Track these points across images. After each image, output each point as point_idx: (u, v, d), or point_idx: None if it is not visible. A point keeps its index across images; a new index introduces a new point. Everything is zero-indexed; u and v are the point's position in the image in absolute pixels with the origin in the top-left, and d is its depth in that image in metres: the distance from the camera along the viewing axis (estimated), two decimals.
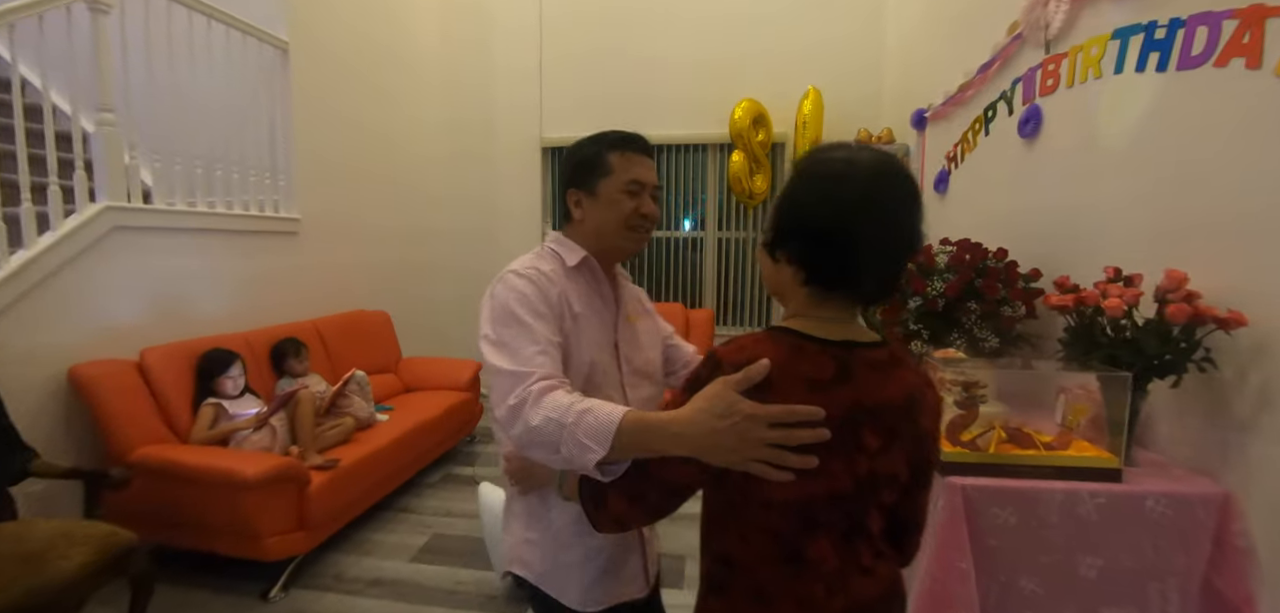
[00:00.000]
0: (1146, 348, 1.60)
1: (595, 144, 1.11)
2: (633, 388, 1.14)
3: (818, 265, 0.77)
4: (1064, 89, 2.34)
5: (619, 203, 1.08)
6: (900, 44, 4.19)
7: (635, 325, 1.21)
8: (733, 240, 4.73)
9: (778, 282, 0.83)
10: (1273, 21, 1.49)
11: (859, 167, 0.75)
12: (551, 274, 1.06)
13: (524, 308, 0.97)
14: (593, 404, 0.82)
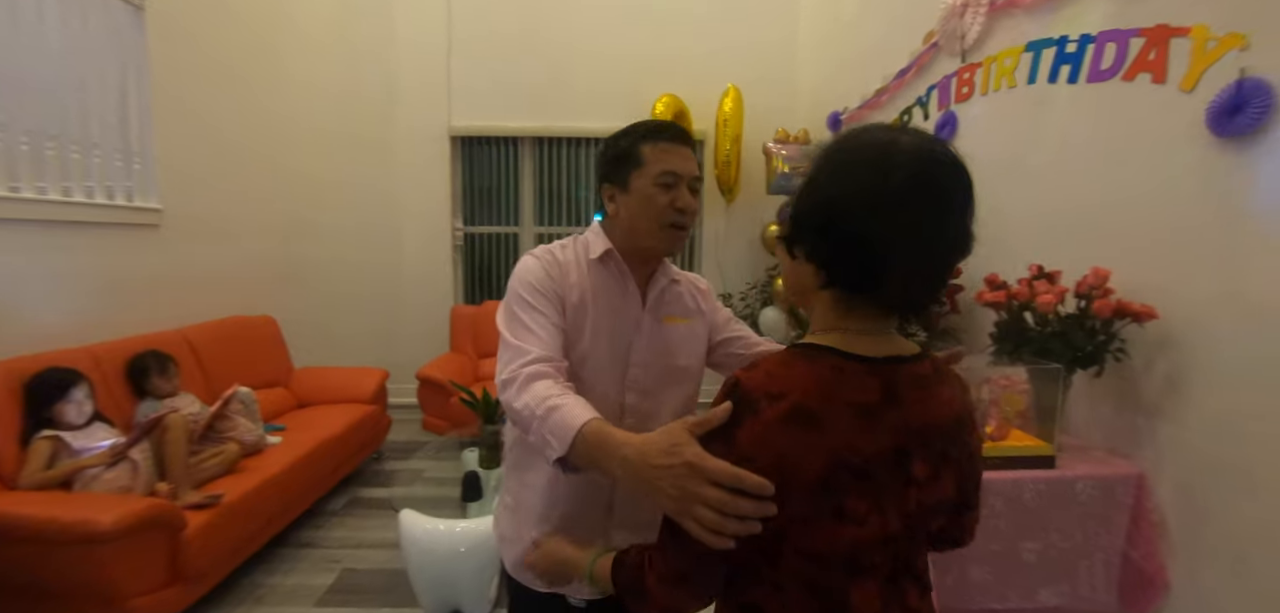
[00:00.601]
0: (1074, 341, 1.70)
1: (628, 135, 1.06)
2: (634, 393, 1.07)
3: (840, 266, 0.65)
4: (979, 97, 2.49)
5: (652, 198, 1.02)
6: (813, 46, 4.33)
7: (670, 330, 1.11)
8: None
9: (798, 282, 0.72)
10: (1177, 40, 1.63)
11: (901, 150, 0.62)
12: (566, 262, 1.06)
13: (528, 289, 1.00)
14: (566, 402, 0.83)
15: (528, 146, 4.53)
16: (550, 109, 4.44)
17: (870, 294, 0.66)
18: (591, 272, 1.06)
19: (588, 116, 4.44)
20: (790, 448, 0.61)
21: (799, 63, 4.50)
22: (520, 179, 4.57)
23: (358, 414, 3.15)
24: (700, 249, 4.68)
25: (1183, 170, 1.61)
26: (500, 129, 4.43)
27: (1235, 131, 1.47)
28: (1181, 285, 1.60)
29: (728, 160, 4.24)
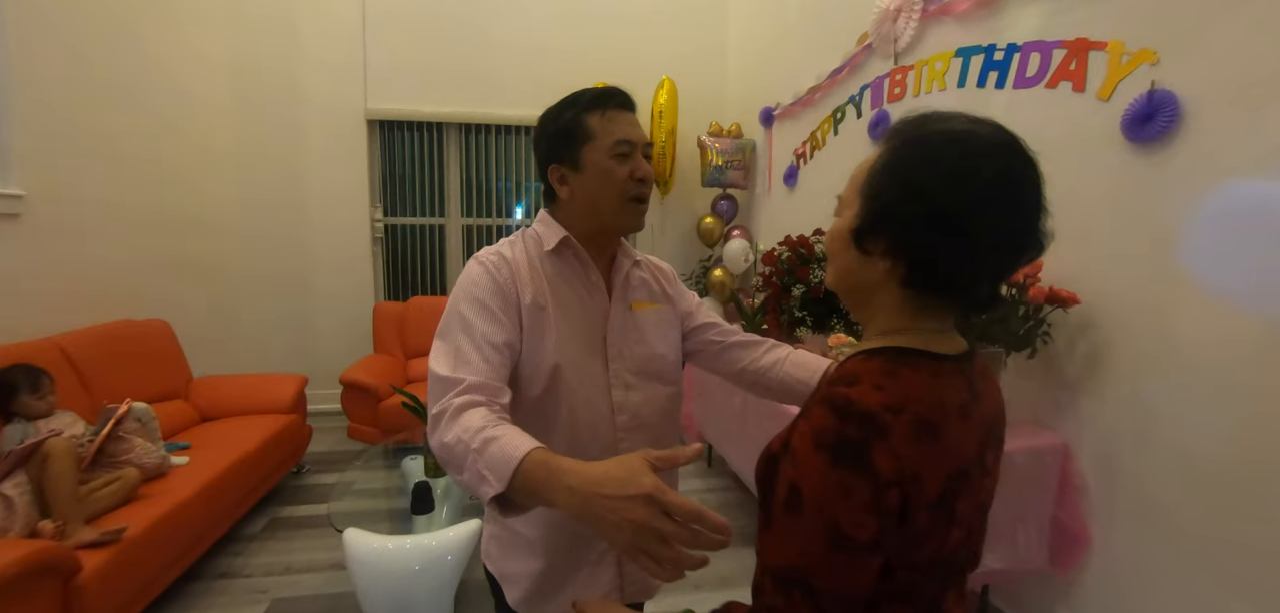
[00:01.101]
0: (1012, 325, 1.86)
1: (570, 107, 0.96)
2: (621, 388, 0.98)
3: (930, 260, 0.62)
4: (911, 98, 2.64)
5: (610, 171, 0.93)
6: (742, 41, 4.42)
7: (640, 316, 1.04)
8: None
9: (860, 279, 0.68)
10: (1095, 53, 1.81)
11: (986, 139, 0.61)
12: (516, 261, 0.96)
13: (471, 304, 0.89)
14: (503, 432, 0.73)
15: (453, 134, 4.29)
16: (478, 95, 4.24)
17: (952, 292, 0.64)
18: (547, 266, 0.97)
19: (518, 104, 4.28)
20: (920, 464, 0.57)
21: (729, 57, 4.59)
22: (445, 167, 4.32)
23: (275, 426, 2.85)
24: (635, 241, 4.66)
25: (1101, 172, 1.79)
26: (423, 114, 4.16)
27: (1147, 138, 1.66)
28: (1099, 275, 1.79)
29: (663, 153, 4.24)
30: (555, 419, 0.94)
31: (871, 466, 0.57)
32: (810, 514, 0.58)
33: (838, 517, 0.57)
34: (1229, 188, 1.48)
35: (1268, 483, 1.39)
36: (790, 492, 0.61)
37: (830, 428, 0.59)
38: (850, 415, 0.58)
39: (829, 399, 0.61)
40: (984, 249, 0.61)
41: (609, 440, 0.97)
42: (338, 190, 4.10)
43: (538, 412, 0.94)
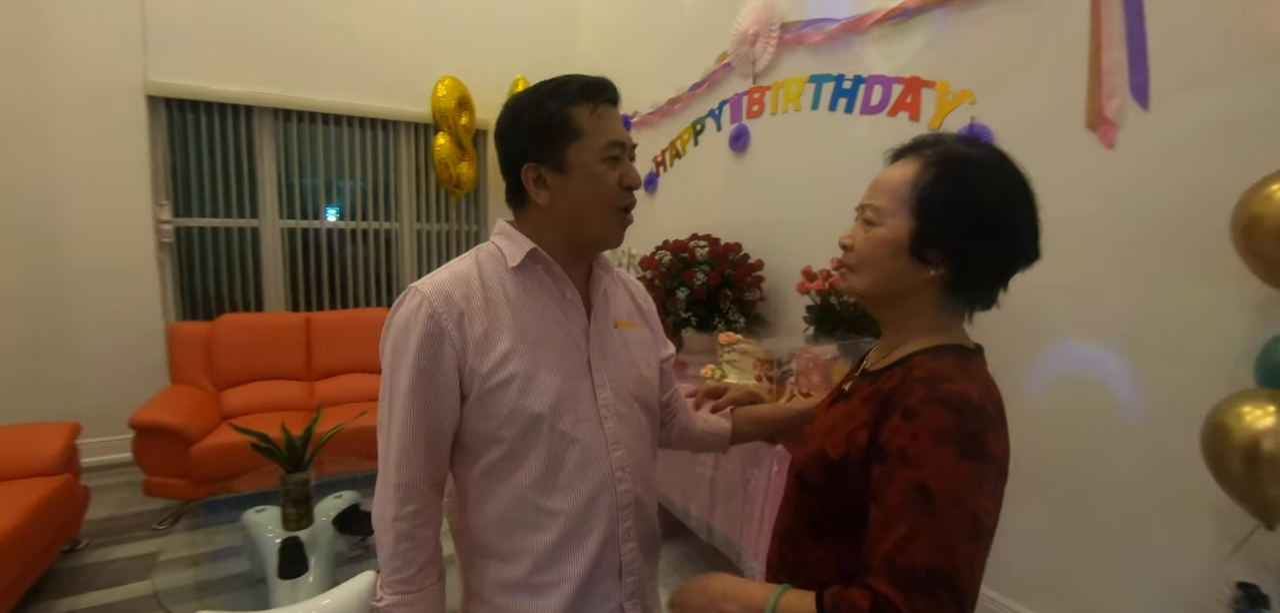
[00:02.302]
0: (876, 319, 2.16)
1: (554, 97, 0.83)
2: (614, 420, 0.87)
3: (977, 266, 0.71)
4: (769, 116, 2.92)
5: (600, 177, 0.82)
6: (595, 50, 4.46)
7: (624, 335, 0.95)
8: (434, 233, 4.24)
9: (904, 285, 0.74)
10: (926, 90, 2.19)
11: (1011, 162, 0.72)
12: (470, 291, 0.82)
13: (404, 359, 0.80)
14: (407, 603, 0.82)
15: (267, 120, 3.65)
16: (299, 77, 3.66)
17: (983, 295, 0.74)
18: (511, 287, 0.84)
19: (348, 90, 3.80)
20: (1007, 450, 0.65)
21: (580, 63, 4.60)
22: (258, 159, 3.66)
23: (39, 493, 2.15)
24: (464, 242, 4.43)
25: None
26: (227, 94, 3.47)
27: None
28: None
29: None
30: (541, 457, 0.83)
31: (991, 454, 0.63)
32: (950, 512, 0.60)
33: (976, 509, 0.61)
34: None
35: (1085, 423, 1.82)
36: (918, 494, 0.62)
37: (952, 425, 0.63)
38: (967, 410, 0.63)
39: (941, 398, 0.64)
40: (1016, 254, 0.71)
41: (604, 478, 0.86)
42: (106, 180, 3.22)
43: (522, 449, 0.82)
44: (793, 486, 0.86)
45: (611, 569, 0.87)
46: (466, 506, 0.88)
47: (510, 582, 0.85)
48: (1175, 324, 1.57)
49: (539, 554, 0.84)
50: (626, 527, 0.88)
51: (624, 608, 0.89)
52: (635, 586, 0.90)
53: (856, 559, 0.70)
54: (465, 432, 0.84)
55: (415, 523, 0.81)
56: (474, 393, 0.81)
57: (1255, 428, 1.24)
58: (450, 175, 3.97)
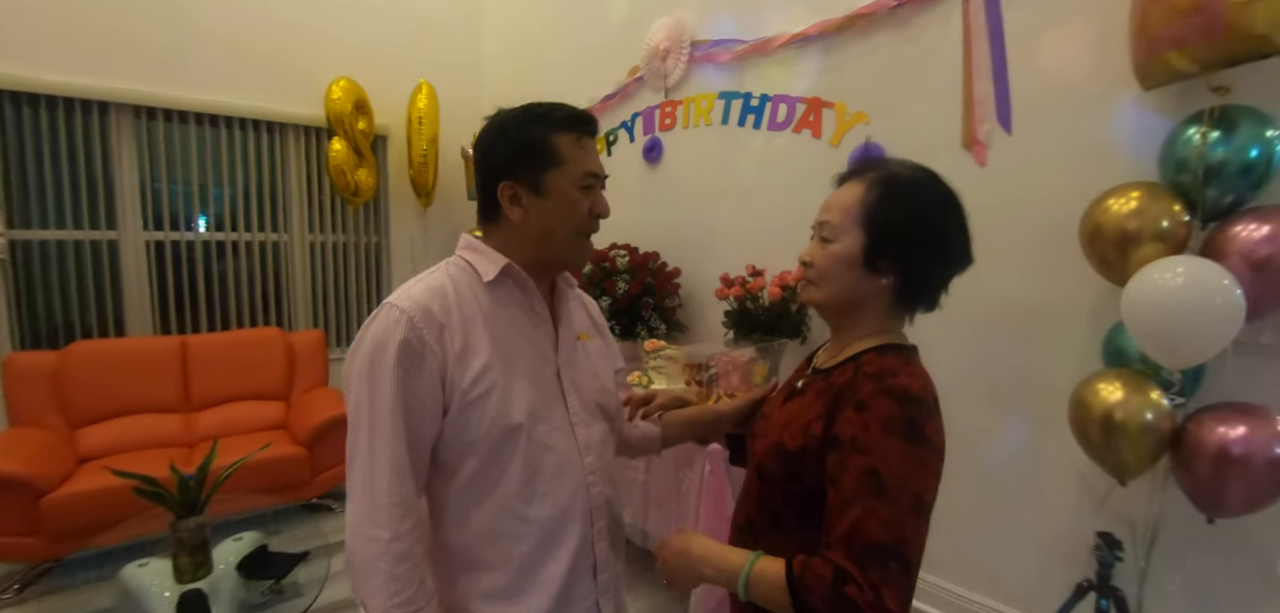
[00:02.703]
0: (789, 320, 2.32)
1: (539, 123, 0.86)
2: (584, 427, 0.93)
3: (923, 274, 0.80)
4: (681, 129, 3.03)
5: (575, 203, 0.87)
6: (501, 58, 4.38)
7: (586, 347, 1.00)
8: (329, 245, 3.94)
9: (860, 294, 0.82)
10: (826, 110, 2.38)
11: (943, 180, 0.81)
12: (446, 301, 0.84)
13: (384, 376, 0.78)
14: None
15: (127, 119, 3.22)
16: (169, 70, 3.27)
17: (926, 299, 0.83)
18: (485, 301, 0.87)
19: (229, 87, 3.45)
20: (943, 433, 0.74)
21: (485, 69, 4.49)
22: (116, 163, 3.22)
23: None
24: (391, 259, 4.20)
25: None
26: (74, 87, 3.02)
27: None
28: None
29: (425, 162, 3.93)
30: (520, 467, 0.85)
31: (930, 439, 0.72)
32: (897, 493, 0.69)
33: (920, 488, 0.70)
34: None
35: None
36: (869, 478, 0.70)
37: (898, 414, 0.72)
38: (910, 401, 0.73)
39: (888, 390, 0.73)
40: (953, 262, 0.82)
41: (578, 483, 0.91)
42: None
43: (500, 459, 0.85)
44: (753, 478, 0.92)
45: (587, 569, 0.92)
46: (443, 523, 0.87)
47: (494, 590, 0.86)
48: (1042, 314, 1.83)
49: (521, 560, 0.86)
50: (599, 527, 0.93)
51: (599, 605, 0.94)
52: (608, 582, 0.95)
53: (812, 543, 0.77)
54: (441, 447, 0.84)
55: (411, 541, 0.80)
56: (454, 406, 0.82)
57: (1109, 401, 1.49)
58: (347, 183, 3.71)
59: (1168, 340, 1.39)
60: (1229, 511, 1.38)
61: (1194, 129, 1.43)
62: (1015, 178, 1.87)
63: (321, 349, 3.40)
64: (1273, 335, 1.46)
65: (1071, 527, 1.75)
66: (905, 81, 2.12)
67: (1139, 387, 1.48)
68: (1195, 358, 1.39)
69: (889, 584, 0.67)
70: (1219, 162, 1.39)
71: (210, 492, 1.75)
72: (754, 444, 0.97)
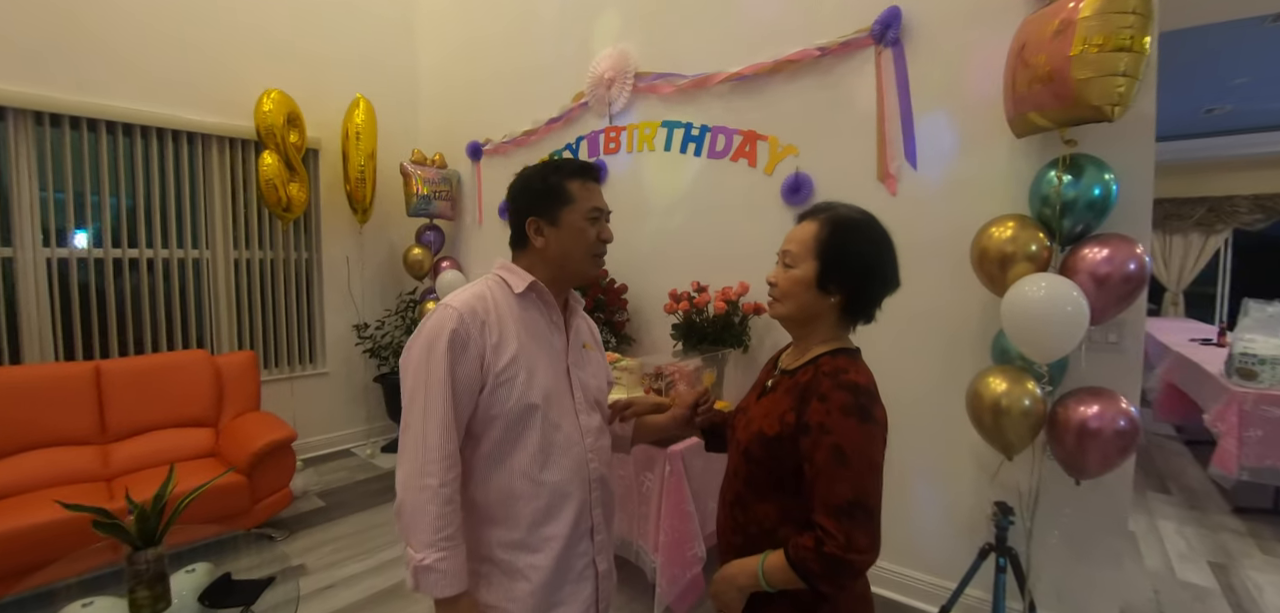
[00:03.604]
0: (733, 331, 2.56)
1: (556, 173, 1.11)
2: (586, 414, 1.14)
3: (862, 295, 1.01)
4: (625, 153, 3.23)
5: (584, 231, 1.11)
6: (436, 76, 4.39)
7: (588, 354, 1.21)
8: (256, 262, 3.76)
9: (814, 311, 1.02)
10: (761, 142, 2.67)
11: (877, 221, 1.03)
12: (489, 303, 1.06)
13: (437, 358, 1.00)
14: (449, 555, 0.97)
15: (25, 125, 2.97)
16: (77, 74, 3.05)
17: (864, 314, 1.06)
18: (516, 308, 1.09)
19: (147, 95, 3.26)
20: (885, 412, 0.97)
21: (421, 87, 4.49)
22: (10, 174, 2.95)
23: None
24: (323, 275, 4.07)
25: (771, 222, 2.64)
26: None
27: (796, 202, 2.55)
28: None
29: (362, 177, 3.87)
30: (536, 440, 1.06)
31: (877, 418, 0.95)
32: (857, 461, 0.91)
33: (873, 455, 0.92)
34: None
35: None
36: (835, 452, 0.92)
37: (852, 401, 0.94)
38: (860, 390, 0.95)
39: (843, 385, 0.95)
40: (886, 284, 1.05)
41: (580, 458, 1.11)
42: None
43: (519, 432, 1.06)
44: (740, 460, 1.11)
45: (585, 530, 1.12)
46: (471, 484, 1.07)
47: (510, 542, 1.06)
48: (942, 321, 2.17)
49: (532, 518, 1.06)
50: (596, 496, 1.14)
51: (595, 561, 1.14)
52: (602, 543, 1.15)
53: (790, 507, 0.99)
54: (474, 420, 1.05)
55: (454, 488, 0.99)
56: (489, 384, 1.03)
57: (996, 392, 1.82)
58: (279, 198, 3.59)
59: (1036, 341, 1.73)
60: (1089, 473, 1.75)
61: (1052, 172, 1.80)
62: (920, 207, 2.21)
63: (252, 372, 3.26)
64: (1116, 335, 1.86)
65: (972, 500, 2.09)
66: (829, 121, 2.44)
67: (1018, 379, 1.82)
68: (1057, 354, 1.74)
69: (857, 529, 0.89)
70: (1071, 198, 1.76)
71: (169, 520, 1.71)
72: (736, 434, 1.16)
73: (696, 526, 2.12)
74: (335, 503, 3.23)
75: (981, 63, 2.04)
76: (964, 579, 1.93)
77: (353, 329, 4.15)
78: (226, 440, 2.91)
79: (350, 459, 3.94)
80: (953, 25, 2.12)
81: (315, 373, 4.05)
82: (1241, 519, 3.07)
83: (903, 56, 2.24)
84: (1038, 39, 1.72)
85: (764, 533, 1.03)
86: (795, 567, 0.93)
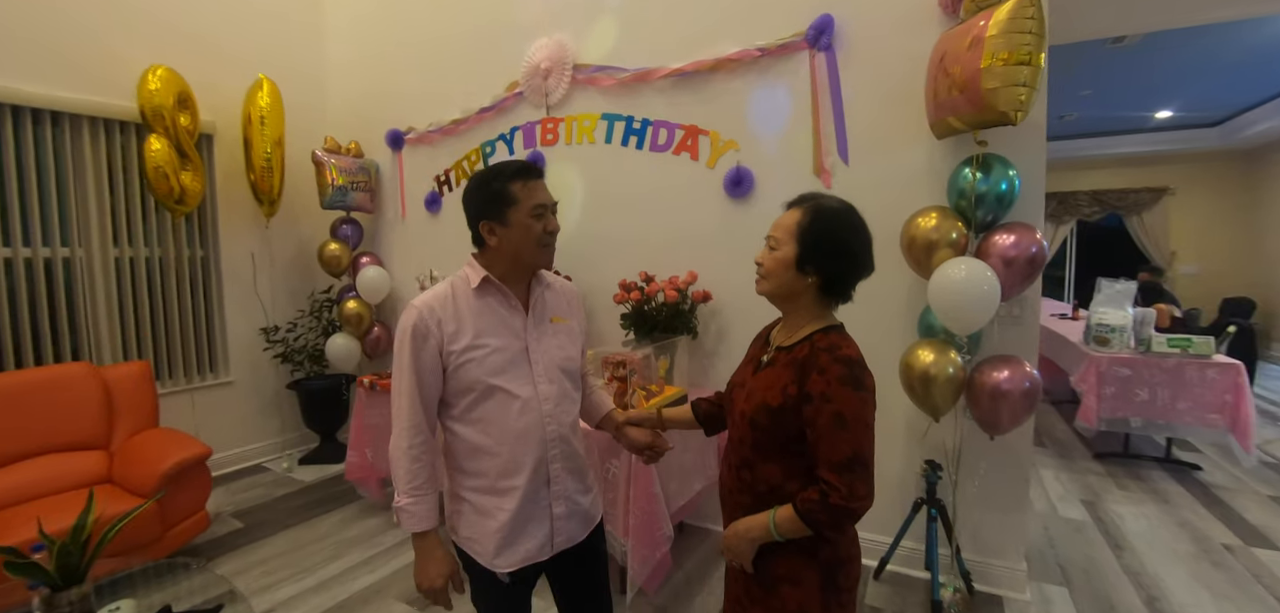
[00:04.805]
0: (683, 318, 2.66)
1: (499, 178, 1.23)
2: (545, 383, 1.28)
3: (839, 276, 1.12)
4: (563, 145, 3.22)
5: (530, 227, 1.22)
6: (348, 53, 4.11)
7: (557, 327, 1.33)
8: (140, 260, 3.34)
9: (794, 289, 1.13)
10: (702, 137, 2.78)
11: (853, 208, 1.14)
12: (442, 301, 1.23)
13: (405, 348, 1.21)
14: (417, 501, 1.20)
15: None
16: None
17: (842, 293, 1.17)
18: (474, 300, 1.25)
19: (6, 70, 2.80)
20: (873, 379, 1.08)
21: (331, 67, 4.19)
22: None
23: None
24: (221, 274, 3.70)
25: (714, 213, 2.77)
26: None
27: (737, 195, 2.69)
28: (719, 280, 2.76)
29: (269, 166, 3.56)
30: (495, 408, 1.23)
31: (867, 385, 1.07)
32: (854, 424, 1.03)
33: (866, 417, 1.05)
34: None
35: None
36: (836, 418, 1.03)
37: (847, 373, 1.05)
38: (852, 362, 1.07)
39: (839, 359, 1.06)
40: (862, 270, 1.17)
41: (535, 420, 1.25)
42: None
43: (482, 402, 1.23)
44: (746, 429, 1.19)
45: (542, 481, 1.28)
46: (450, 440, 1.29)
47: (480, 488, 1.26)
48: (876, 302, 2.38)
49: (498, 469, 1.25)
50: (554, 453, 1.28)
51: (551, 506, 1.29)
52: (558, 492, 1.30)
53: (794, 466, 1.10)
54: (447, 393, 1.25)
55: (422, 449, 1.22)
56: (450, 367, 1.22)
57: (924, 362, 2.04)
58: (170, 188, 3.22)
59: (958, 316, 1.97)
60: (1002, 429, 2.02)
61: (967, 169, 2.05)
62: (852, 198, 2.30)
63: (147, 385, 2.90)
64: (1019, 309, 2.15)
65: (904, 461, 2.33)
66: (768, 117, 2.59)
67: (942, 350, 2.06)
68: (975, 327, 1.99)
69: (857, 481, 1.02)
70: (983, 192, 2.02)
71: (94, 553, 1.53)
72: (736, 406, 1.24)
73: (664, 507, 2.19)
74: (256, 523, 2.97)
75: (905, 69, 2.26)
76: (900, 531, 2.16)
77: (261, 333, 3.81)
78: (124, 463, 2.59)
79: (264, 475, 3.63)
80: (879, 34, 2.33)
81: (218, 383, 3.68)
82: (1101, 464, 3.64)
83: (835, 61, 2.43)
84: (955, 52, 1.95)
85: (771, 489, 1.13)
86: (804, 518, 1.04)
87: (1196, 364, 3.25)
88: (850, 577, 1.15)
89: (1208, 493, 3.21)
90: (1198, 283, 7.52)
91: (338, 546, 2.73)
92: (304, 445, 3.99)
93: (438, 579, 1.22)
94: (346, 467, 3.13)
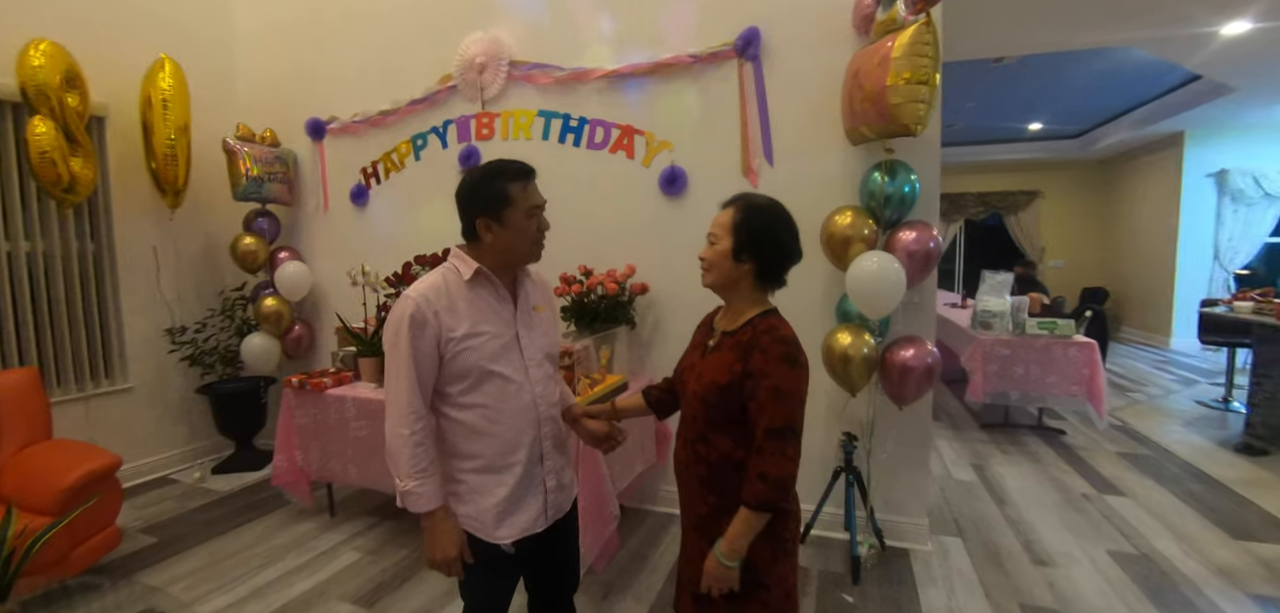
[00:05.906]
0: (623, 309, 2.77)
1: (498, 178, 1.29)
2: (535, 367, 1.37)
3: (772, 264, 1.26)
4: (499, 140, 3.24)
5: (525, 228, 1.30)
6: (258, 34, 3.88)
7: (540, 316, 1.42)
8: (21, 256, 3.00)
9: (733, 278, 1.27)
10: (638, 136, 2.90)
11: (780, 204, 1.28)
12: (437, 292, 1.27)
13: (402, 337, 1.24)
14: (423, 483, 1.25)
15: None
16: None
17: (776, 280, 1.33)
18: (466, 291, 1.30)
19: None
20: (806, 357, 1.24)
21: (239, 49, 3.94)
22: None
23: None
24: (117, 270, 3.40)
25: (649, 210, 2.90)
26: None
27: (672, 193, 2.84)
28: (655, 274, 2.90)
29: (173, 153, 3.32)
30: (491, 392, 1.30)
31: (802, 363, 1.23)
32: (790, 397, 1.19)
33: (800, 391, 1.21)
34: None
35: None
36: (774, 392, 1.18)
37: (784, 352, 1.20)
38: (789, 342, 1.22)
39: (778, 339, 1.21)
40: (791, 257, 1.33)
41: (529, 403, 1.34)
42: None
43: (478, 386, 1.30)
44: (698, 407, 1.32)
45: (536, 457, 1.36)
46: (448, 424, 1.33)
47: (478, 468, 1.32)
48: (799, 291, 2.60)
49: (496, 449, 1.32)
50: (545, 431, 1.37)
51: (544, 480, 1.38)
52: (551, 466, 1.39)
53: (740, 436, 1.24)
54: (442, 380, 1.30)
55: (423, 434, 1.26)
56: (447, 354, 1.27)
57: (843, 344, 2.28)
58: (58, 175, 2.93)
59: (871, 302, 2.22)
60: (907, 401, 2.29)
61: (877, 172, 2.30)
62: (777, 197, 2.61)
63: (37, 393, 2.64)
64: (919, 296, 2.43)
65: (824, 434, 2.58)
66: (701, 120, 2.75)
67: (858, 333, 2.31)
68: (886, 312, 2.25)
69: (788, 444, 1.17)
70: (890, 193, 2.27)
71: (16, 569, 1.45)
72: (687, 387, 1.37)
73: (611, 488, 2.30)
74: (172, 537, 2.78)
75: (823, 82, 2.49)
76: (822, 498, 2.39)
77: (165, 334, 3.54)
78: (16, 478, 2.36)
79: (174, 487, 3.38)
80: (801, 48, 2.55)
81: (115, 389, 3.38)
82: (986, 433, 4.13)
83: (761, 70, 2.62)
84: (866, 68, 2.18)
85: (722, 457, 1.25)
86: (760, 506, 1.17)
87: (1061, 344, 3.77)
88: (791, 530, 1.31)
89: (1071, 453, 3.74)
90: (1063, 274, 8.59)
91: (269, 553, 2.62)
92: (218, 454, 3.73)
93: (451, 550, 1.27)
94: (273, 472, 2.98)
